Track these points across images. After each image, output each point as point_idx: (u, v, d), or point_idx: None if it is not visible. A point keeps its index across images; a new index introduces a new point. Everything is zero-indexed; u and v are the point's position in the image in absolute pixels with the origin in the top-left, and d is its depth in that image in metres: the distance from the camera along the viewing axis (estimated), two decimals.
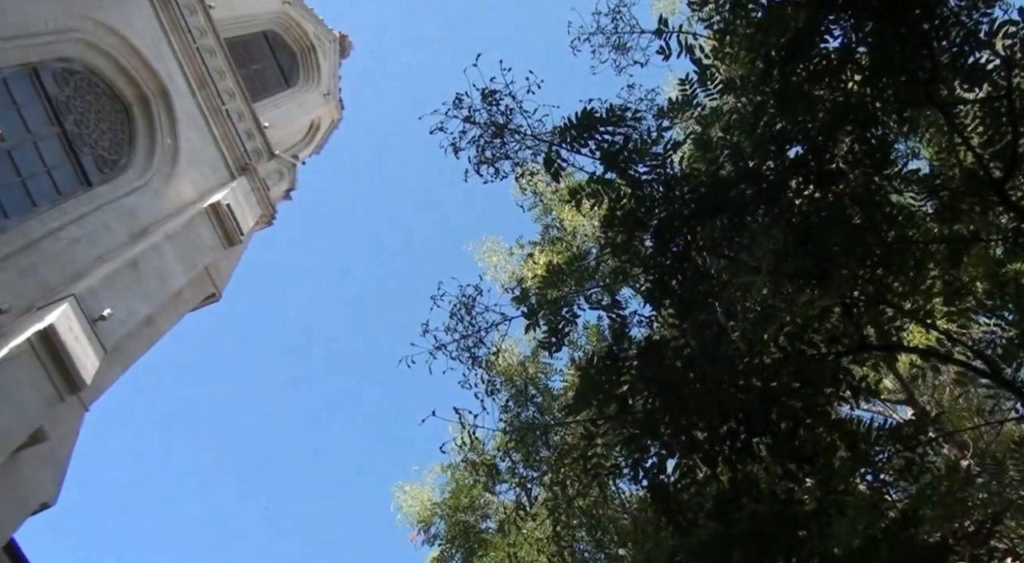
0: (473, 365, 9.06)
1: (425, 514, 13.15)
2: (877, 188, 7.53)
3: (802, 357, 5.77)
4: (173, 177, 15.33)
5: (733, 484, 5.63)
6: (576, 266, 8.10)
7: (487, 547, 11.83)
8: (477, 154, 8.15)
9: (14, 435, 9.38)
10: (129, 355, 12.86)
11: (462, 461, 12.29)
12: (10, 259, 11.36)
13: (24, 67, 13.45)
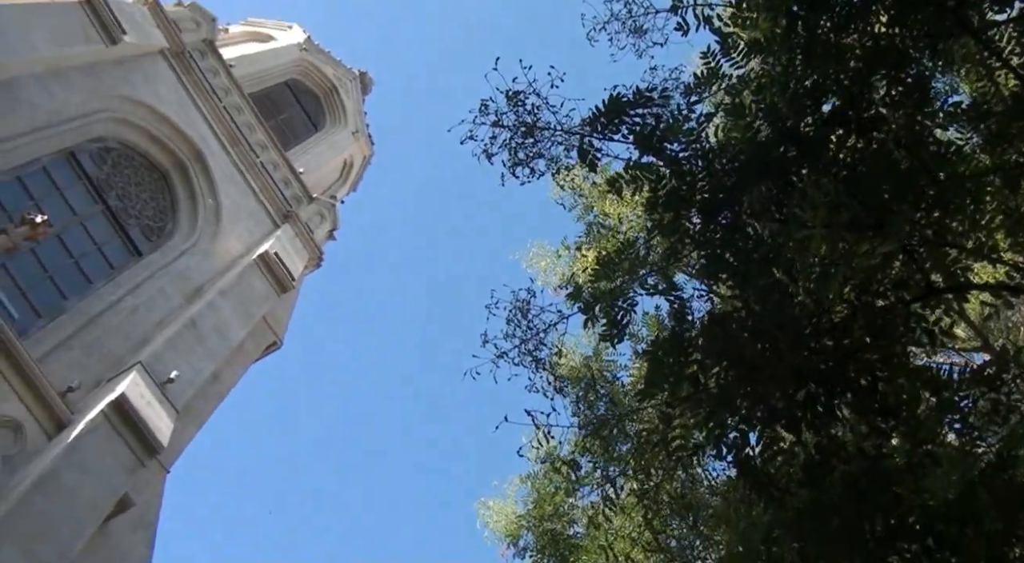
0: (537, 368, 8.99)
1: (511, 528, 13.06)
2: (920, 128, 7.28)
3: (871, 309, 5.55)
4: (219, 234, 15.61)
5: (820, 449, 5.42)
6: (626, 255, 7.95)
7: (579, 551, 11.71)
8: (510, 157, 8.09)
9: (101, 506, 9.56)
10: (201, 413, 13.09)
11: (541, 467, 12.24)
12: (74, 337, 11.65)
13: (61, 153, 13.82)
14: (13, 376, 10.09)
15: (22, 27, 12.71)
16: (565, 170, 8.56)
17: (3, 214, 11.78)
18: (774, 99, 7.57)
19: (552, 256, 13.02)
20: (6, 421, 9.77)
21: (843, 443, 5.50)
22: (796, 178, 7.00)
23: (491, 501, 13.98)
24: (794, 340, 5.35)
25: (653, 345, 6.14)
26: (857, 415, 5.47)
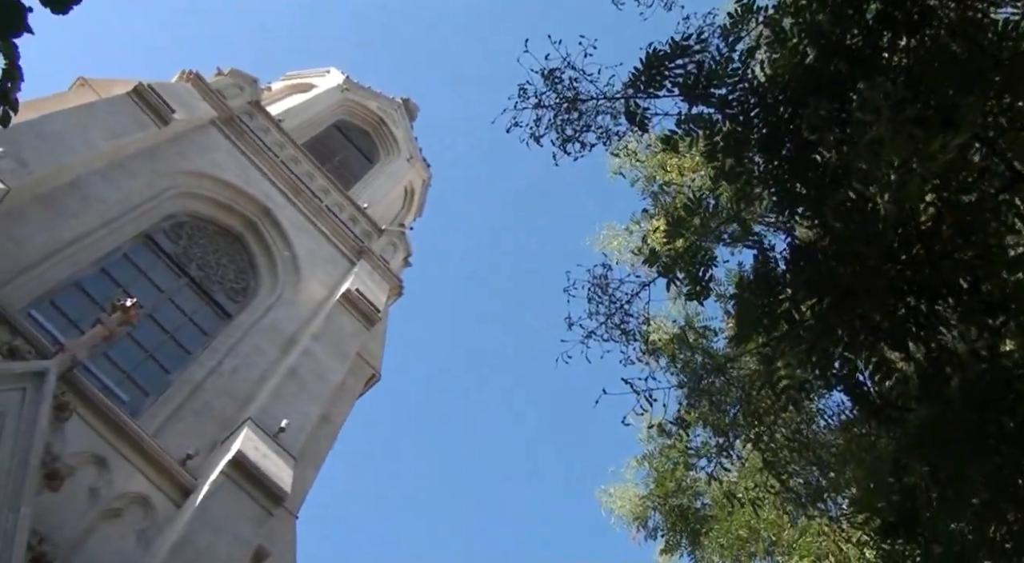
0: (627, 340, 8.80)
1: (638, 510, 12.84)
2: (974, 14, 6.84)
3: (957, 207, 5.18)
4: (300, 283, 15.93)
5: (931, 360, 5.08)
6: (695, 210, 7.69)
7: (709, 523, 11.41)
8: (558, 135, 7.96)
9: (238, 561, 9.75)
10: (317, 455, 13.35)
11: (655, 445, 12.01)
12: (183, 407, 12.01)
13: (138, 237, 14.31)
14: (133, 455, 10.44)
15: (79, 128, 13.22)
16: (616, 137, 8.36)
17: (95, 306, 12.22)
18: (815, 17, 7.24)
19: (623, 234, 12.76)
20: (135, 498, 10.10)
21: (954, 351, 5.14)
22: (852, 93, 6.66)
23: (612, 488, 13.78)
24: (883, 254, 5.04)
25: (739, 287, 5.88)
26: (963, 318, 5.11)
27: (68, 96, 15.22)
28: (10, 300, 10.89)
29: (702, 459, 10.12)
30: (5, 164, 11.36)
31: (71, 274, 12.42)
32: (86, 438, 10.07)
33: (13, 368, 9.43)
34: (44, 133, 12.55)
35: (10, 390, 9.29)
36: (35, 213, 12.13)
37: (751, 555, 11.29)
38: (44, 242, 11.99)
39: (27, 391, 9.42)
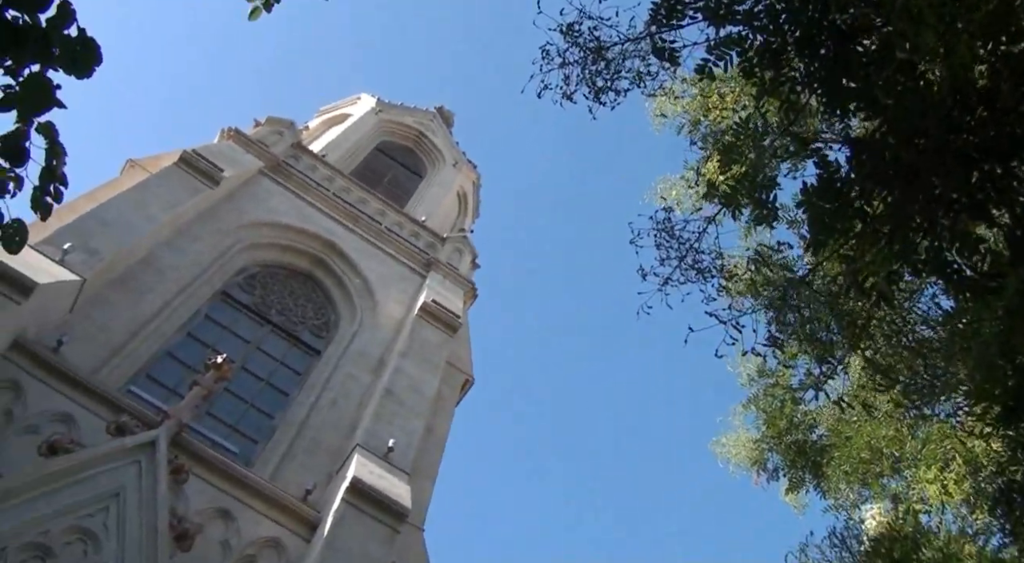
0: (703, 278, 8.58)
1: (754, 454, 12.52)
2: None
3: (1011, 57, 4.84)
4: (377, 306, 16.12)
5: (1017, 223, 4.75)
6: (744, 133, 7.43)
7: (829, 452, 11.03)
8: (590, 89, 7.82)
9: None
10: (430, 467, 13.47)
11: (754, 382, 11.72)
12: (293, 447, 12.24)
13: (215, 296, 14.68)
14: (255, 501, 10.67)
15: (138, 207, 13.61)
16: (649, 77, 8.15)
17: (189, 370, 12.57)
18: None
19: (680, 184, 12.42)
20: (266, 542, 10.33)
21: None
22: None
23: (723, 438, 13.47)
24: (944, 125, 4.74)
25: (805, 195, 5.63)
26: None
27: (121, 180, 15.68)
28: (108, 382, 11.28)
29: (808, 391, 9.77)
30: (76, 257, 11.75)
31: (161, 345, 12.80)
32: (207, 494, 10.35)
33: (124, 443, 9.76)
34: (106, 219, 12.96)
35: (126, 465, 9.62)
36: (114, 296, 12.54)
37: (877, 475, 10.89)
38: (128, 321, 12.38)
39: (142, 462, 9.74)
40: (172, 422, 10.47)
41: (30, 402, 10.01)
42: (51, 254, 11.43)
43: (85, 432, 9.94)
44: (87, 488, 9.00)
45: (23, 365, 10.34)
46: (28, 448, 9.35)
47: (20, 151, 3.55)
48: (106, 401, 10.62)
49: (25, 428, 9.73)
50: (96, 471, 9.20)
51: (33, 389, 10.16)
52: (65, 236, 11.92)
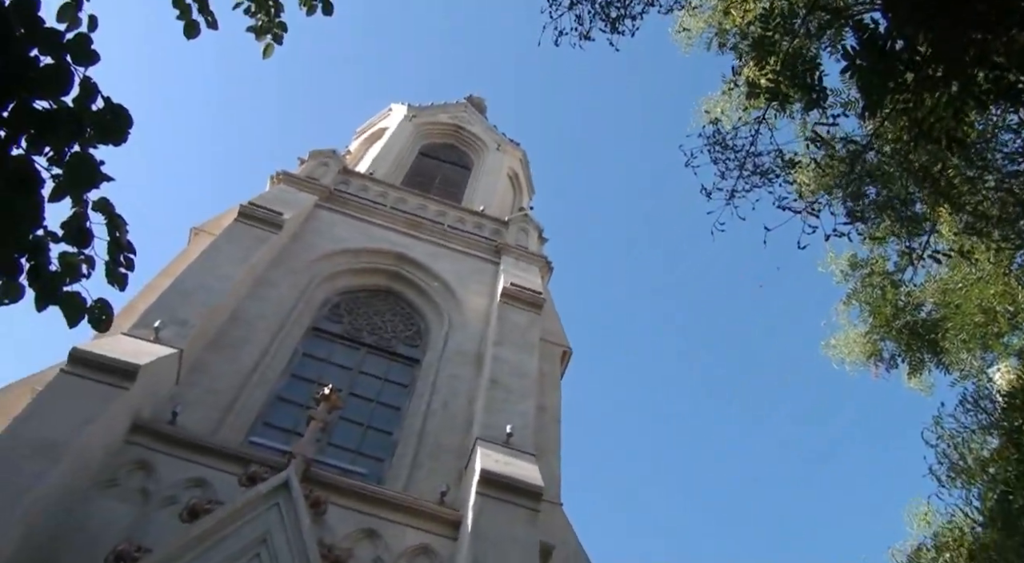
0: (768, 180, 8.32)
1: (868, 348, 12.07)
2: None
3: None
4: (460, 303, 16.29)
5: None
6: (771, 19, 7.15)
7: (942, 325, 10.55)
8: (605, 23, 7.68)
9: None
10: (552, 442, 13.56)
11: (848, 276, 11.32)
12: (417, 456, 12.46)
13: (307, 333, 15.05)
14: (396, 515, 10.91)
15: (212, 270, 14.02)
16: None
17: (302, 408, 12.90)
18: None
19: (722, 99, 12.06)
20: (416, 550, 10.55)
21: None
22: None
23: (831, 339, 13.08)
24: None
25: (848, 59, 5.37)
26: None
27: (190, 249, 16.20)
28: (229, 438, 11.70)
29: (906, 270, 9.40)
30: (169, 331, 12.19)
31: (268, 392, 13.19)
32: (349, 519, 10.63)
33: (259, 491, 10.09)
34: (186, 289, 13.40)
35: (266, 510, 9.95)
36: (213, 357, 12.98)
37: (997, 335, 10.41)
38: (232, 377, 12.80)
39: (280, 504, 10.06)
40: (298, 460, 10.77)
41: (162, 476, 10.44)
42: (145, 336, 11.88)
43: (220, 491, 10.32)
44: (235, 541, 9.35)
45: (146, 444, 10.79)
46: (171, 519, 9.77)
47: (83, 233, 3.67)
48: (232, 457, 11.00)
49: (163, 501, 10.15)
50: (239, 523, 9.55)
51: (161, 463, 10.60)
52: (153, 315, 12.37)
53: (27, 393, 11.16)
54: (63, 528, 9.35)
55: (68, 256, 3.68)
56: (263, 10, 7.34)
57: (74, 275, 3.74)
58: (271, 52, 7.73)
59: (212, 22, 6.55)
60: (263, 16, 7.37)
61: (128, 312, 13.58)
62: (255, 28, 7.43)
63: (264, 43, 7.55)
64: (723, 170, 8.41)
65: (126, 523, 9.77)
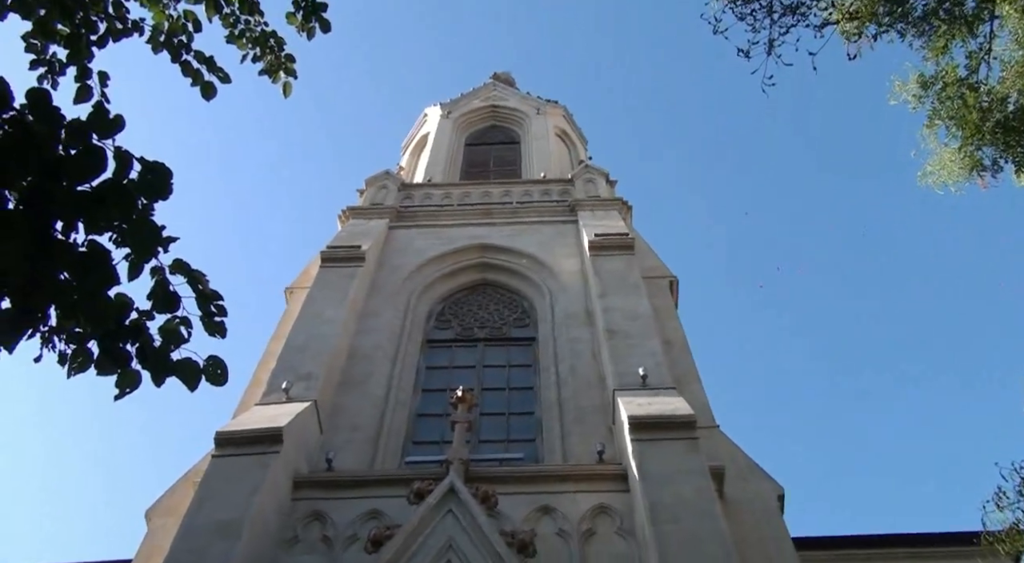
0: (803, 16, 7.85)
1: (965, 161, 11.28)
2: None
3: None
4: (553, 269, 16.35)
5: None
6: None
7: None
8: None
9: (711, 496, 9.89)
10: (689, 371, 13.37)
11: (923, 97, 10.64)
12: (564, 426, 12.53)
13: (423, 347, 15.30)
14: (564, 486, 10.98)
15: (317, 319, 14.42)
16: None
17: (442, 417, 13.12)
18: None
19: None
20: (594, 511, 10.59)
21: None
22: None
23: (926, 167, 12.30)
24: None
25: None
26: None
27: (290, 308, 16.65)
28: (387, 466, 12.04)
29: (980, 69, 8.80)
30: (298, 388, 12.58)
31: (407, 413, 13.48)
32: (521, 504, 10.75)
33: (429, 503, 10.29)
34: (300, 345, 13.80)
35: (441, 518, 10.14)
36: (346, 398, 13.32)
37: None
38: (370, 410, 13.11)
39: (453, 509, 10.23)
40: (456, 464, 10.95)
41: (336, 520, 10.79)
42: (277, 399, 12.29)
43: (393, 515, 10.57)
44: (423, 556, 9.58)
45: (312, 495, 11.17)
46: (358, 555, 10.07)
47: (170, 298, 3.78)
48: (394, 481, 11.27)
49: (346, 542, 10.49)
50: (421, 538, 9.77)
51: (332, 508, 10.95)
52: (278, 378, 12.78)
53: (190, 487, 11.69)
54: None
55: (166, 325, 3.80)
56: (266, 51, 7.46)
57: (177, 341, 3.87)
58: (290, 89, 7.85)
59: (225, 77, 6.71)
60: (269, 57, 7.49)
61: (255, 385, 14.10)
62: (267, 70, 7.56)
63: (281, 83, 7.68)
64: (753, 22, 8.00)
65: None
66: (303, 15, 7.23)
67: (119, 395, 4.03)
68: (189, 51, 6.94)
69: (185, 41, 7.12)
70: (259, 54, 7.48)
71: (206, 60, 6.83)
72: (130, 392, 4.05)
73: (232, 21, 7.61)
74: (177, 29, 7.22)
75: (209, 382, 3.98)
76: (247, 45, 7.66)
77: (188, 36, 7.21)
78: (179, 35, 7.18)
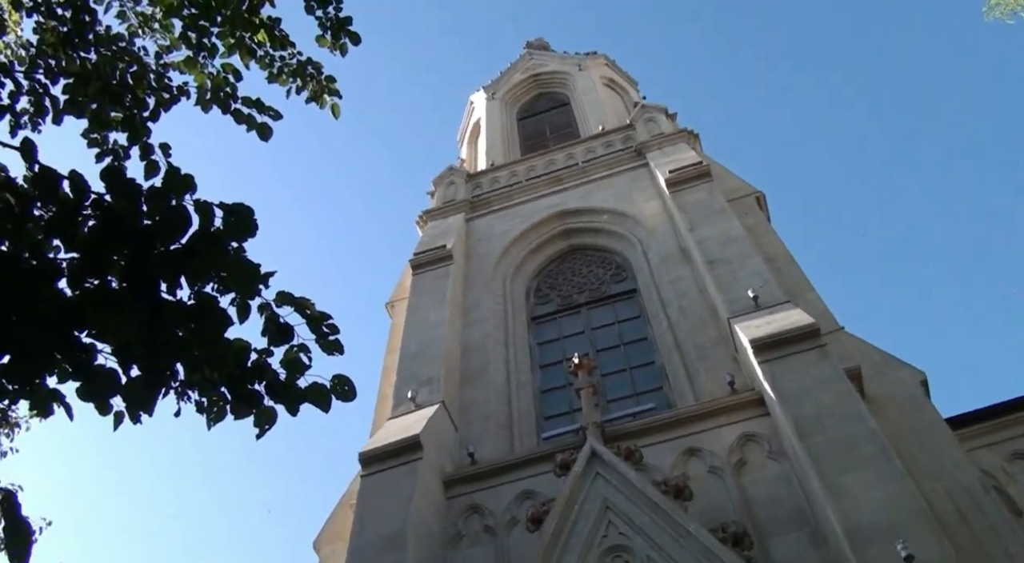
0: None
1: None
2: None
3: None
4: (635, 218, 16.24)
5: None
6: None
7: None
8: None
9: (846, 392, 9.69)
10: (800, 282, 13.07)
11: None
12: (688, 368, 12.44)
13: (528, 326, 15.39)
14: (703, 424, 10.89)
15: (423, 324, 14.69)
16: None
17: (567, 387, 13.18)
18: None
19: None
20: (740, 443, 10.48)
21: None
22: None
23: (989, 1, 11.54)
24: None
25: None
26: None
27: (395, 321, 17.02)
28: (526, 446, 12.21)
29: None
30: (423, 394, 12.86)
31: (531, 392, 13.59)
32: (666, 452, 10.74)
33: (575, 471, 10.37)
34: (414, 353, 14.07)
35: (592, 483, 10.19)
36: (471, 392, 13.53)
37: None
38: (495, 399, 13.26)
39: (600, 472, 10.27)
40: (591, 429, 11.00)
41: (493, 508, 11.01)
42: (407, 410, 12.59)
43: (546, 492, 10.71)
44: (584, 522, 9.67)
45: (464, 490, 11.43)
46: (522, 536, 10.26)
47: (283, 330, 3.92)
48: (538, 460, 11.41)
49: (507, 526, 10.71)
50: (577, 506, 9.85)
51: (486, 498, 11.18)
52: (402, 390, 13.11)
53: (348, 511, 12.12)
54: None
55: (286, 356, 3.94)
56: (307, 80, 7.62)
57: (301, 369, 4.01)
58: (339, 110, 8.01)
59: (276, 114, 6.89)
60: (312, 84, 7.65)
61: (383, 401, 14.52)
62: (312, 97, 7.72)
63: (328, 106, 7.83)
64: None
65: (492, 560, 10.40)
66: (331, 35, 7.35)
67: (260, 434, 4.20)
68: (236, 99, 7.14)
69: (230, 92, 7.34)
70: (301, 85, 7.64)
71: (254, 103, 7.02)
72: (269, 428, 4.21)
73: (268, 61, 7.80)
74: (220, 83, 7.44)
75: (340, 400, 4.11)
76: (288, 80, 7.84)
77: (232, 87, 7.42)
78: (223, 88, 7.39)
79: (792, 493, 9.61)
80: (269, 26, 7.44)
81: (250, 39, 7.61)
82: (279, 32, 7.44)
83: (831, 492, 8.51)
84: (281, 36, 7.47)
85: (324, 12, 7.36)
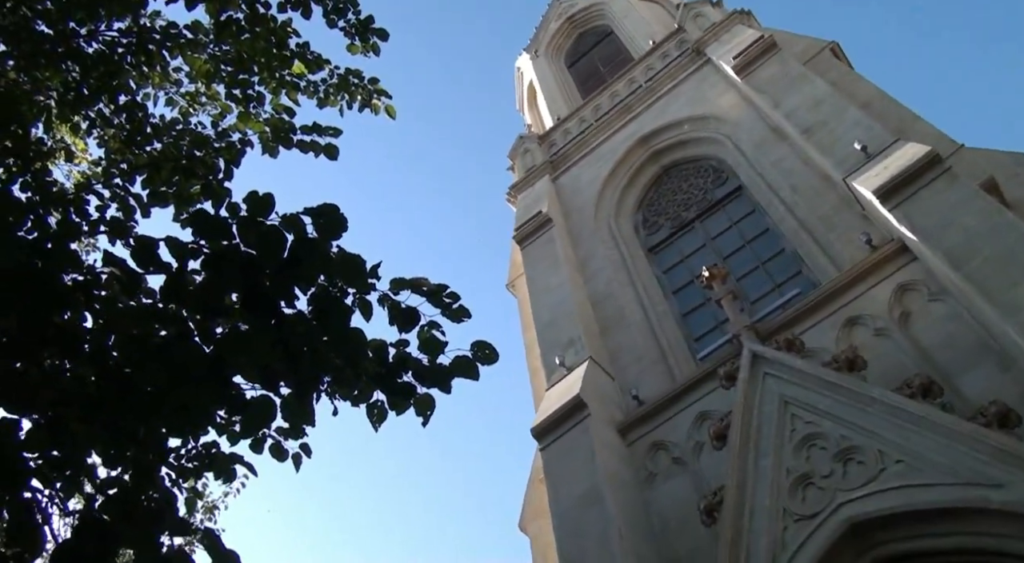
0: None
1: None
2: None
3: None
4: (716, 117, 15.81)
5: None
6: None
7: None
8: None
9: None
10: (901, 115, 12.48)
11: None
12: (821, 242, 12.07)
13: (649, 257, 15.14)
14: (854, 290, 10.56)
15: (547, 290, 14.84)
16: None
17: (708, 303, 12.91)
18: None
19: None
20: (897, 294, 10.07)
21: None
22: None
23: None
24: None
25: None
26: None
27: (521, 297, 17.22)
28: (686, 371, 12.08)
29: None
30: (571, 355, 12.94)
31: (673, 320, 13.45)
32: (826, 330, 10.48)
33: (743, 377, 10.18)
34: (548, 320, 14.27)
35: (763, 384, 9.97)
36: (614, 339, 13.59)
37: None
38: (640, 337, 13.26)
39: (767, 371, 10.06)
40: (744, 334, 10.78)
41: (675, 440, 11.06)
42: (560, 375, 12.69)
43: (721, 408, 10.50)
44: (768, 425, 9.45)
45: (641, 432, 11.54)
46: (711, 455, 10.25)
47: (408, 314, 3.94)
48: (701, 380, 11.34)
49: (693, 451, 10.78)
50: (756, 410, 9.66)
51: (665, 432, 11.27)
52: (550, 358, 13.24)
53: (540, 485, 12.37)
54: (656, 532, 10.15)
55: (421, 337, 3.99)
56: (352, 90, 7.69)
57: (439, 347, 4.04)
58: (394, 110, 8.06)
59: (336, 131, 6.99)
60: (359, 93, 7.72)
61: (535, 375, 14.70)
62: (364, 105, 7.79)
63: (383, 109, 7.88)
64: None
65: (691, 488, 10.36)
66: (359, 39, 7.39)
67: (425, 421, 4.28)
68: (295, 132, 7.29)
69: (288, 129, 7.50)
70: (349, 98, 7.73)
71: (313, 129, 7.15)
72: (431, 414, 4.29)
73: (312, 90, 7.93)
74: (277, 125, 7.61)
75: (484, 364, 4.13)
76: (337, 99, 7.94)
77: (289, 125, 7.58)
78: (282, 128, 7.56)
79: (966, 327, 9.17)
80: (300, 54, 7.55)
81: (289, 75, 7.75)
82: (311, 55, 7.54)
83: (1005, 310, 8.06)
84: (315, 58, 7.57)
85: (345, 20, 7.41)
